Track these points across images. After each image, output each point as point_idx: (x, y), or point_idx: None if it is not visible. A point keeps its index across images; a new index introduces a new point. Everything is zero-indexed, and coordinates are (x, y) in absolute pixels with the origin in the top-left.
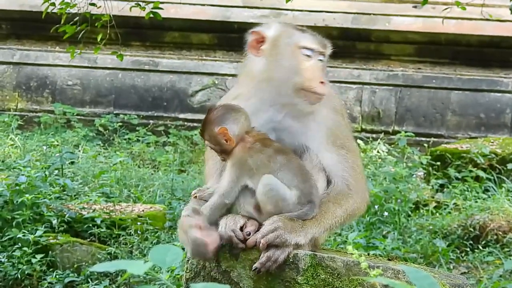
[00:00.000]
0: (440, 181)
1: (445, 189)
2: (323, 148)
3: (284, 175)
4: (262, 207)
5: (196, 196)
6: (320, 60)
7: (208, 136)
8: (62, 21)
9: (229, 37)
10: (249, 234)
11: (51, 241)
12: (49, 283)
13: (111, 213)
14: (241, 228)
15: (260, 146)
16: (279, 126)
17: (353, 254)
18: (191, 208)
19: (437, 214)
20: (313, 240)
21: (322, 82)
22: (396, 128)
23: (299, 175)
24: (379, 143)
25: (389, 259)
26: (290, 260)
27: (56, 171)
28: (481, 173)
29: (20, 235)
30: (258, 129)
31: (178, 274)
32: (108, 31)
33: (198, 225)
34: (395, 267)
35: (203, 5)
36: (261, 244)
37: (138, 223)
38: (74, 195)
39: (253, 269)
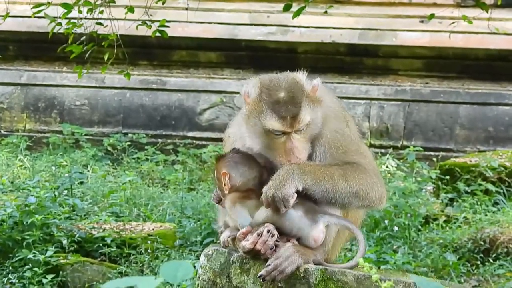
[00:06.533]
0: (449, 195)
1: (454, 203)
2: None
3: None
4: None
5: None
6: (298, 131)
7: (216, 169)
8: (69, 41)
9: (236, 55)
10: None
11: (62, 261)
12: None
13: (121, 232)
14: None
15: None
16: None
17: (363, 267)
18: (227, 230)
19: (447, 228)
20: None
21: (294, 154)
22: (405, 143)
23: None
24: (388, 158)
25: None
26: (301, 275)
27: (66, 191)
28: (491, 187)
29: (30, 256)
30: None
31: None
32: (115, 51)
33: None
34: (406, 280)
35: (210, 23)
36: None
37: (148, 242)
38: (84, 215)
39: (258, 276)
